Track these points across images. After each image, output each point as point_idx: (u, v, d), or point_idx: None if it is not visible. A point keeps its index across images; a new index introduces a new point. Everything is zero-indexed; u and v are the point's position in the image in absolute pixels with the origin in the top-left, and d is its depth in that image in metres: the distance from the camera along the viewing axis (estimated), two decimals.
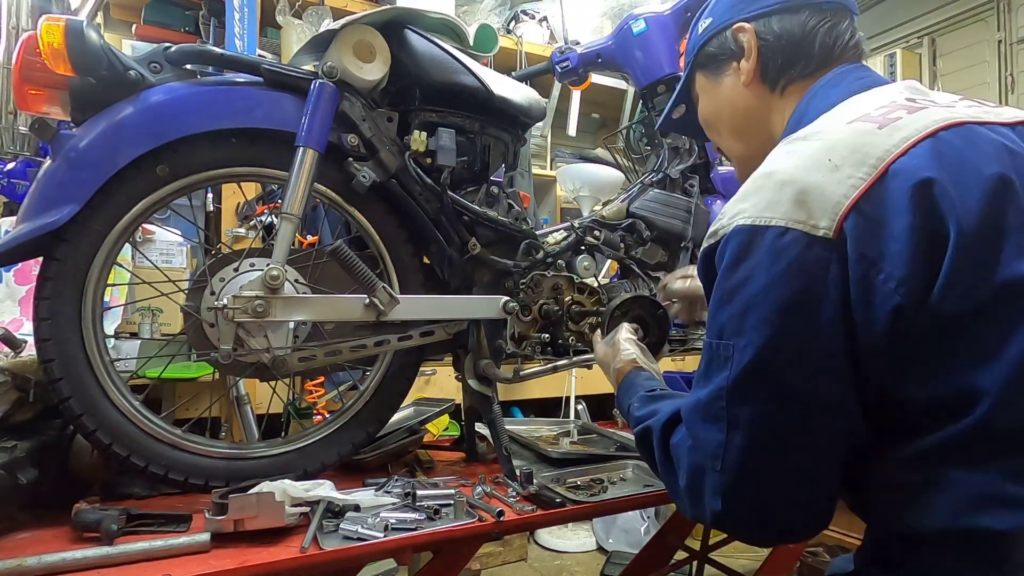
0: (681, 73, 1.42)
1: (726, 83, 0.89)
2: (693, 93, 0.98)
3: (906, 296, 0.59)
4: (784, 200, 0.64)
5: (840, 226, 0.61)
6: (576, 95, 3.12)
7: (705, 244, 0.72)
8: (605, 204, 1.47)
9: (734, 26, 0.86)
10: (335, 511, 0.96)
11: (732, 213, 0.68)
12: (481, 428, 1.41)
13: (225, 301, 1.02)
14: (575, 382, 2.60)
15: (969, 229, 0.59)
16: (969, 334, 0.60)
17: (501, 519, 0.97)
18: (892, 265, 0.60)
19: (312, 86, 1.07)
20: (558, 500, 1.04)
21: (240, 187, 1.84)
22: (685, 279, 1.22)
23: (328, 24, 1.43)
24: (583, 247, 1.36)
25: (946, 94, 0.76)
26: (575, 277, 1.34)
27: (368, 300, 1.09)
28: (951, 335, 0.60)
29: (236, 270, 1.09)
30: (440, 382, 2.31)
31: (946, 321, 0.59)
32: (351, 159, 1.11)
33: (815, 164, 0.65)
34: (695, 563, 1.94)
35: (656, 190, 1.40)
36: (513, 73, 1.57)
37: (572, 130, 3.15)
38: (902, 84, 0.77)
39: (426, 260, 1.26)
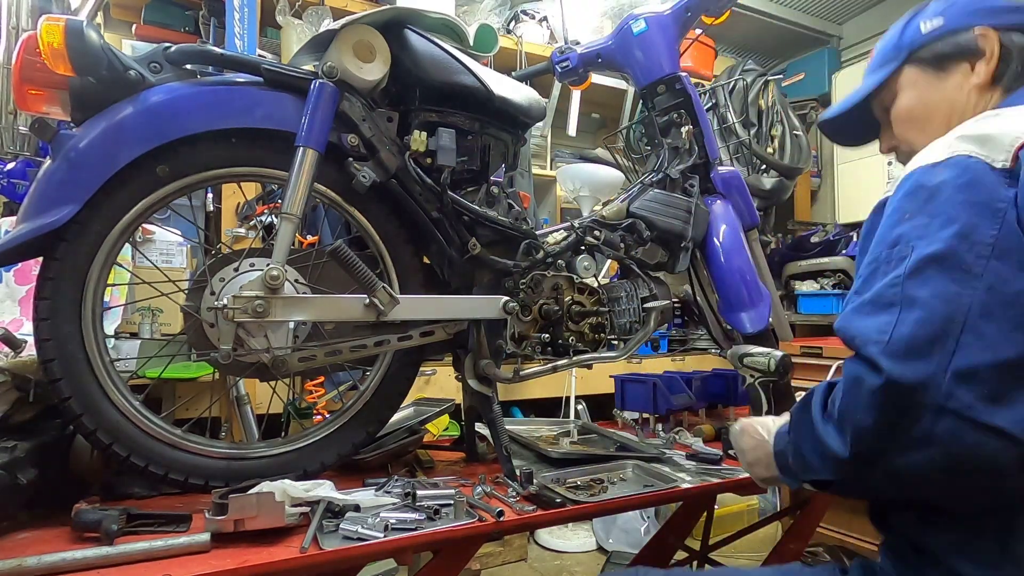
0: (681, 73, 1.44)
1: (951, 81, 0.92)
2: (898, 79, 0.98)
3: None
4: (964, 144, 0.71)
5: (1016, 155, 0.67)
6: (576, 95, 3.12)
7: (880, 200, 0.77)
8: (605, 204, 1.47)
9: (976, 29, 0.90)
10: (335, 511, 0.96)
11: (911, 167, 0.74)
12: (481, 428, 1.41)
13: (225, 301, 1.02)
14: (575, 382, 2.61)
15: None
16: None
17: (501, 519, 0.97)
18: None
19: (312, 86, 1.07)
20: (558, 500, 1.04)
21: (240, 187, 1.85)
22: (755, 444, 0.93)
23: (328, 24, 1.43)
24: (583, 247, 1.36)
25: None
26: (575, 277, 1.34)
27: (368, 300, 1.09)
28: None
29: (236, 270, 1.09)
30: (440, 382, 2.32)
31: None
32: (351, 159, 1.11)
33: (991, 123, 0.72)
34: (695, 563, 1.94)
35: (656, 190, 1.40)
36: (513, 73, 1.57)
37: (572, 130, 3.15)
38: None
39: (426, 260, 1.26)
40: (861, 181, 3.71)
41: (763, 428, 0.90)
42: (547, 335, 1.28)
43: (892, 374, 0.63)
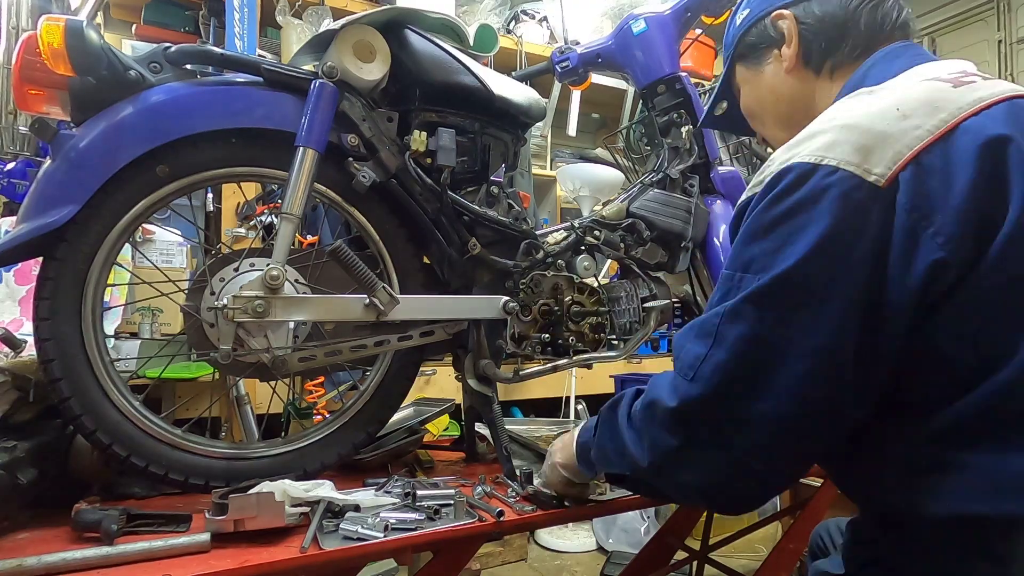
0: (681, 73, 1.44)
1: (768, 71, 0.90)
2: (734, 86, 0.98)
3: (952, 254, 0.58)
4: (843, 142, 0.63)
5: (895, 175, 0.60)
6: (576, 95, 3.12)
7: (744, 196, 0.70)
8: (605, 204, 1.47)
9: (772, 14, 0.86)
10: (335, 511, 0.96)
11: (782, 159, 0.66)
12: (481, 428, 1.41)
13: (225, 301, 1.02)
14: (575, 382, 2.61)
15: None
16: (1017, 298, 0.59)
17: (501, 519, 0.97)
18: (944, 221, 0.58)
19: (312, 86, 1.07)
20: (557, 500, 1.04)
21: (240, 187, 1.84)
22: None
23: (328, 24, 1.43)
24: (583, 247, 1.36)
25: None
26: (575, 277, 1.34)
27: (368, 300, 1.09)
28: (998, 297, 0.59)
29: (236, 270, 1.09)
30: (440, 382, 2.31)
31: (998, 283, 0.59)
32: (351, 159, 1.11)
33: (882, 113, 0.65)
34: (695, 563, 1.94)
35: (656, 190, 1.40)
36: (513, 73, 1.57)
37: (572, 130, 3.15)
38: (965, 62, 0.76)
39: (426, 260, 1.26)
40: None
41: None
42: (547, 335, 1.28)
43: (682, 404, 0.66)
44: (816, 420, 0.63)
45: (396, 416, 1.32)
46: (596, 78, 2.70)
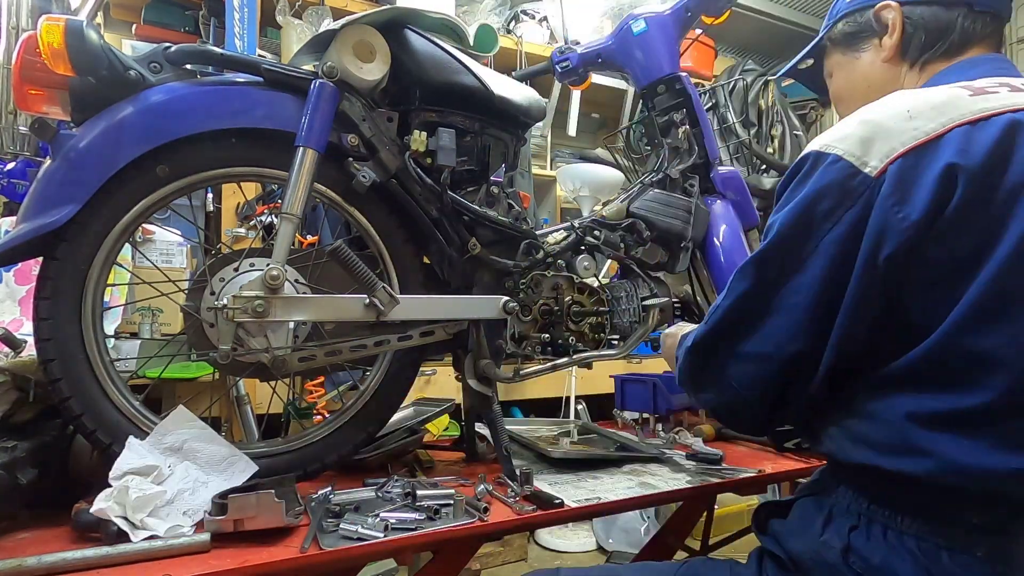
0: (681, 73, 1.44)
1: (864, 58, 0.95)
2: (826, 62, 1.04)
3: (914, 236, 0.68)
4: (854, 135, 0.73)
5: (886, 168, 0.69)
6: (576, 95, 3.12)
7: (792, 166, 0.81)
8: (605, 204, 1.47)
9: (879, 4, 0.91)
10: (335, 511, 0.96)
11: (810, 146, 0.77)
12: (481, 428, 1.41)
13: (225, 301, 1.02)
14: (575, 382, 2.61)
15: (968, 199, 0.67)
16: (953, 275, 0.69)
17: (485, 515, 0.98)
18: (912, 208, 0.68)
19: (312, 86, 1.07)
20: (557, 500, 1.04)
21: (240, 187, 1.84)
22: None
23: (328, 24, 1.43)
24: (583, 247, 1.36)
25: None
26: (575, 277, 1.34)
27: (368, 300, 1.09)
28: (937, 273, 0.69)
29: (236, 270, 1.09)
30: (440, 382, 2.31)
31: (939, 258, 0.68)
32: (351, 159, 1.11)
33: (895, 112, 0.73)
34: None
35: (656, 190, 1.40)
36: (513, 73, 1.57)
37: (572, 130, 3.15)
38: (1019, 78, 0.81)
39: (426, 260, 1.26)
40: None
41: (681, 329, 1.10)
42: (547, 335, 1.28)
43: (697, 339, 0.85)
44: (791, 364, 0.76)
45: (396, 416, 1.32)
46: (596, 78, 2.71)
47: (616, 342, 1.34)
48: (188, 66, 1.08)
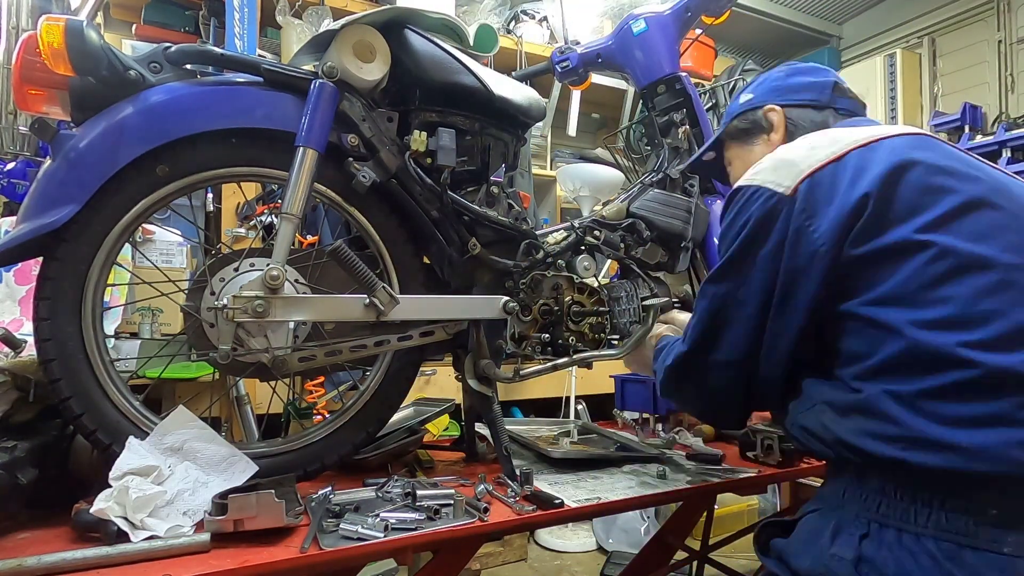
0: (681, 73, 1.44)
1: (756, 151, 1.10)
2: (726, 154, 1.21)
3: (825, 245, 0.79)
4: (769, 168, 0.87)
5: (797, 186, 0.82)
6: (576, 95, 3.12)
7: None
8: (605, 204, 1.47)
9: (767, 107, 1.09)
10: (335, 511, 0.96)
11: (743, 179, 0.90)
12: (481, 428, 1.41)
13: (225, 301, 1.02)
14: (575, 382, 2.61)
15: (877, 208, 0.78)
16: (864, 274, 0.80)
17: (484, 515, 0.98)
18: (821, 220, 0.80)
19: (312, 86, 1.07)
20: (557, 500, 1.04)
21: (240, 187, 1.84)
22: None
23: (328, 24, 1.43)
24: (583, 247, 1.36)
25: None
26: (575, 277, 1.34)
27: (368, 300, 1.09)
28: (856, 272, 0.80)
29: (236, 270, 1.09)
30: (440, 382, 2.32)
31: (851, 262, 0.79)
32: (351, 159, 1.11)
33: (800, 147, 0.89)
34: (695, 563, 1.94)
35: (656, 190, 1.40)
36: (513, 73, 1.57)
37: (572, 130, 3.15)
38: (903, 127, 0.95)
39: (426, 260, 1.26)
40: None
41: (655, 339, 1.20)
42: (547, 335, 1.28)
43: (675, 359, 0.97)
44: (756, 365, 0.87)
45: (396, 416, 1.32)
46: (596, 78, 2.71)
47: (616, 342, 1.34)
48: (188, 66, 1.08)
